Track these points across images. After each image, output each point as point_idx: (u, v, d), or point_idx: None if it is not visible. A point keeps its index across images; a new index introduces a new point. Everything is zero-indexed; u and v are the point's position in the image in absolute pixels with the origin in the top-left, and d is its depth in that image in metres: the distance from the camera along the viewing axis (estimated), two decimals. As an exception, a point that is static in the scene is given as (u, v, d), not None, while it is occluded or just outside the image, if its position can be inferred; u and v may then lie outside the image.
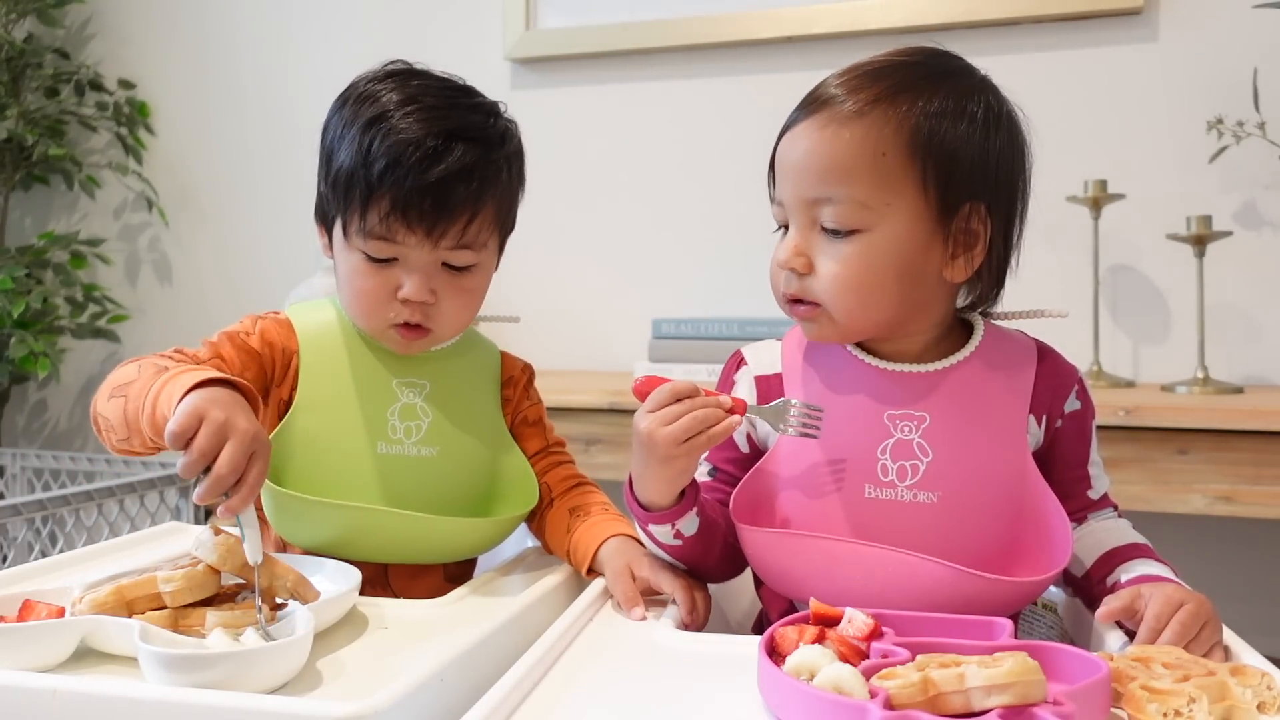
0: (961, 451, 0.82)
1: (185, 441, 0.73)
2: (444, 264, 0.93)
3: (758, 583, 0.94)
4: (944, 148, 0.80)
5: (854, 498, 0.82)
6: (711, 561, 0.88)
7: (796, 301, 0.84)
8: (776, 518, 0.85)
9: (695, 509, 0.84)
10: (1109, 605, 0.76)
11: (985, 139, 0.81)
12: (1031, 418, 0.85)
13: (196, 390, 0.76)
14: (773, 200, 0.86)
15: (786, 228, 0.85)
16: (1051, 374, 0.86)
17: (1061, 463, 0.88)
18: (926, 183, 0.80)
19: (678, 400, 0.80)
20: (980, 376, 0.84)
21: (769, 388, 0.90)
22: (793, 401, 0.83)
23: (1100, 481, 0.90)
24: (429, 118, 0.90)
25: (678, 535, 0.85)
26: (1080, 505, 0.89)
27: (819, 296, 0.82)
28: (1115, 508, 0.91)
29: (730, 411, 0.80)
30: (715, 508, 0.88)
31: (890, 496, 0.82)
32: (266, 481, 0.88)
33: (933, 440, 0.82)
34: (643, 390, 0.82)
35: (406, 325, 0.94)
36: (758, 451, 0.91)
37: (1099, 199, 1.75)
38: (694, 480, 0.84)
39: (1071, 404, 0.87)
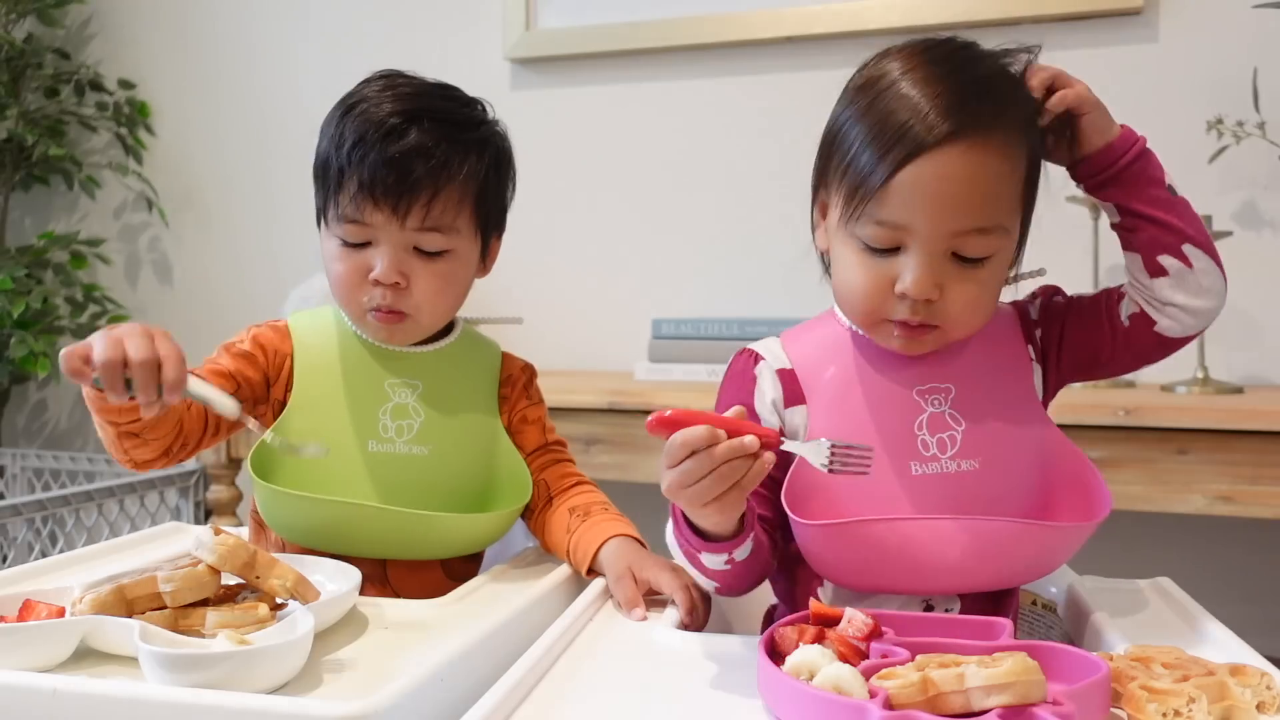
0: (988, 415, 0.83)
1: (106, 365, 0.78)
2: (415, 248, 0.94)
3: (785, 579, 0.90)
4: (1036, 153, 0.81)
5: (903, 477, 0.82)
6: (745, 585, 0.85)
7: (917, 326, 0.80)
8: (830, 508, 0.81)
9: (753, 535, 0.79)
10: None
11: (1038, 130, 0.82)
12: (1033, 364, 0.86)
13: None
14: (874, 221, 0.78)
15: (889, 250, 0.79)
16: (1025, 314, 0.88)
17: (1078, 310, 0.87)
18: (1027, 191, 0.81)
19: (692, 454, 0.69)
20: (986, 342, 0.85)
21: (789, 381, 0.86)
22: (830, 442, 0.74)
23: None
24: (397, 101, 0.94)
25: (730, 562, 0.79)
26: (1118, 292, 0.87)
27: (943, 320, 0.80)
28: None
29: (763, 447, 0.70)
30: (761, 524, 0.83)
31: (936, 470, 0.82)
32: (257, 479, 0.90)
33: (961, 409, 0.83)
34: (656, 429, 0.71)
35: (381, 310, 0.95)
36: None
37: (1099, 199, 1.75)
38: (750, 504, 0.77)
39: (1035, 306, 0.89)
